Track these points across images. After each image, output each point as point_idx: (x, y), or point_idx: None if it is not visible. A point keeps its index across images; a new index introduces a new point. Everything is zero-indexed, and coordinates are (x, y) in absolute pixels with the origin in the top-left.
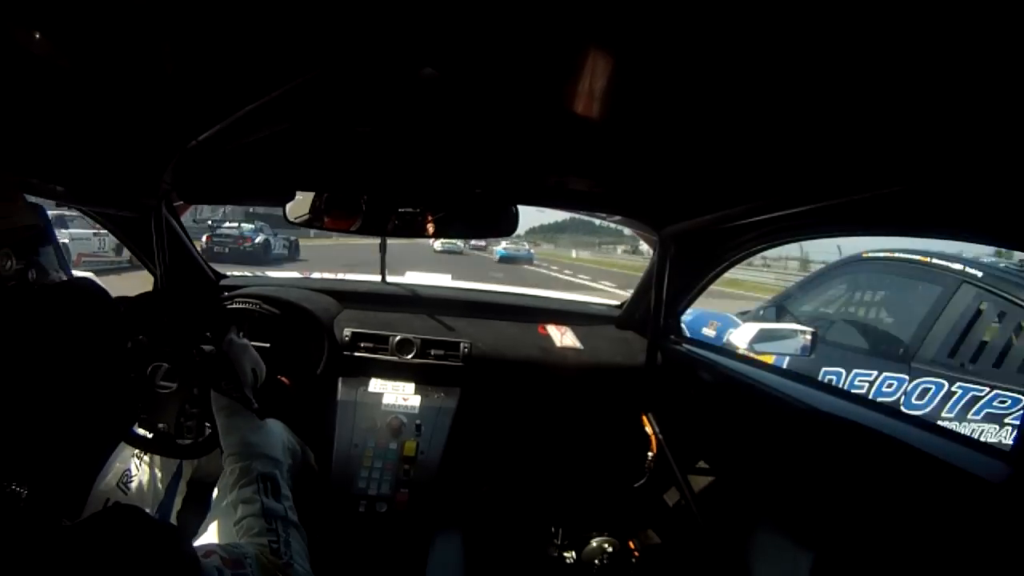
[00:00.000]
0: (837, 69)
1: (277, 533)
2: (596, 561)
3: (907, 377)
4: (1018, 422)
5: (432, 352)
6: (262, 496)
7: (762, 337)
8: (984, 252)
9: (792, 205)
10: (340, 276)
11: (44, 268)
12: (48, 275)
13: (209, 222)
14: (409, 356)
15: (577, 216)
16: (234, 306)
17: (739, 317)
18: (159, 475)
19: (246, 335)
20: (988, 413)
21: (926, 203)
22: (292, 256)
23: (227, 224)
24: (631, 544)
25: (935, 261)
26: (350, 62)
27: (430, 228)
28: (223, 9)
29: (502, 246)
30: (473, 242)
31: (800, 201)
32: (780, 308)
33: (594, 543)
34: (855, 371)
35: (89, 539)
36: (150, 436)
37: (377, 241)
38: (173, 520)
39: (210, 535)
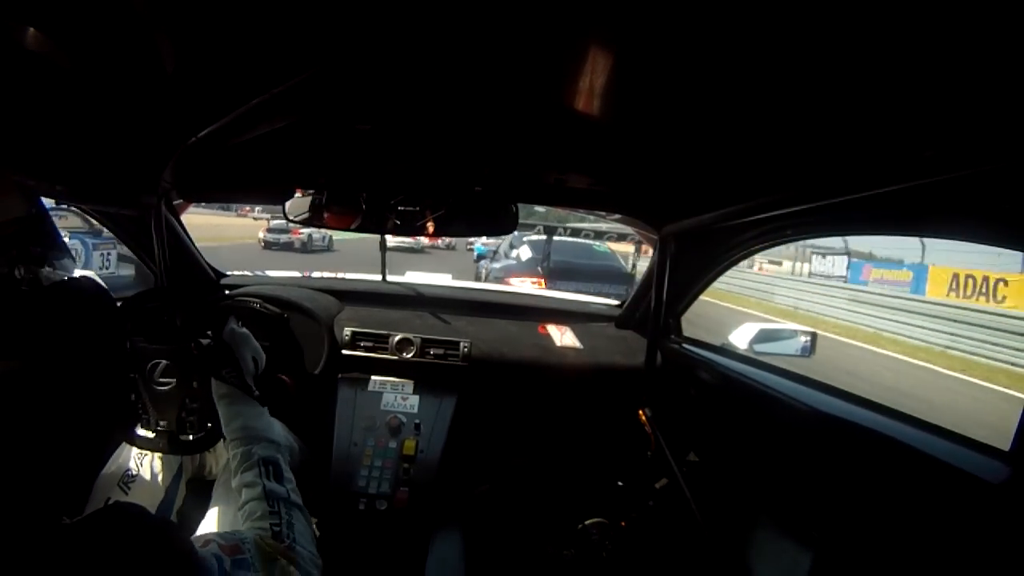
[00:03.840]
0: (838, 67)
1: (280, 515)
2: (592, 552)
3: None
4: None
5: (432, 351)
6: (264, 479)
7: (762, 337)
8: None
9: (793, 204)
10: (340, 275)
11: (37, 264)
12: (42, 271)
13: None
14: (409, 355)
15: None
16: (234, 304)
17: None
18: (160, 475)
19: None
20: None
21: (926, 203)
22: (328, 247)
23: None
24: (622, 524)
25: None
26: (350, 59)
27: (430, 227)
28: (223, 6)
29: (480, 242)
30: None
31: (801, 200)
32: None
33: (589, 523)
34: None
35: (88, 536)
36: (152, 436)
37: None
38: (174, 519)
39: (210, 524)
